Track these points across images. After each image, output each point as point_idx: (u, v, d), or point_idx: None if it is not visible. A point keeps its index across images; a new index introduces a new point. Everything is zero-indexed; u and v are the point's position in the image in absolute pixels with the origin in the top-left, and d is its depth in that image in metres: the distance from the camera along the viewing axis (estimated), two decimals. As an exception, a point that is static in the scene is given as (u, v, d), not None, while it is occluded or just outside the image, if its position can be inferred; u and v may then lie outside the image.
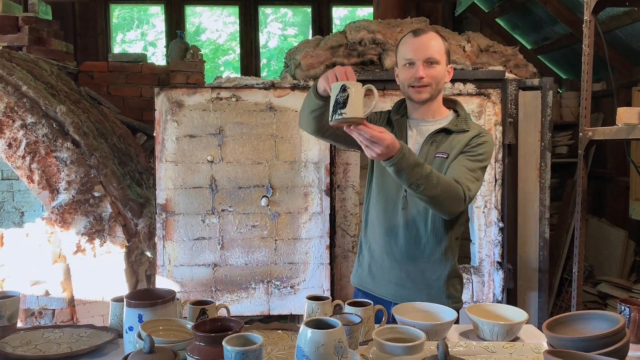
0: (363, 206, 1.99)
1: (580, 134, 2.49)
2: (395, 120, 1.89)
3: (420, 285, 1.83)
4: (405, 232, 1.81)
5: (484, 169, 1.78)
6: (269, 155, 3.12)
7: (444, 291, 1.83)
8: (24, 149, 3.09)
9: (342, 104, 1.43)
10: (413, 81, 1.76)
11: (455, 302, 1.85)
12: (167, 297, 1.39)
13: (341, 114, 1.43)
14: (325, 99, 1.63)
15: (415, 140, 1.84)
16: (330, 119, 1.48)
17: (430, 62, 1.75)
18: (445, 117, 1.86)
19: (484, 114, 3.15)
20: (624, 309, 1.53)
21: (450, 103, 1.92)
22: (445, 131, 1.81)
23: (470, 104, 3.15)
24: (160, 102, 3.06)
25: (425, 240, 1.81)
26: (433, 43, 1.77)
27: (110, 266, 3.20)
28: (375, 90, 1.52)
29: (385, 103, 3.05)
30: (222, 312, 1.66)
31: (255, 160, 3.11)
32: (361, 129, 1.46)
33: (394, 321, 1.60)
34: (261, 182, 3.12)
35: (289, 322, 3.15)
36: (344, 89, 1.44)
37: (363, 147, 1.51)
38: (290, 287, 3.15)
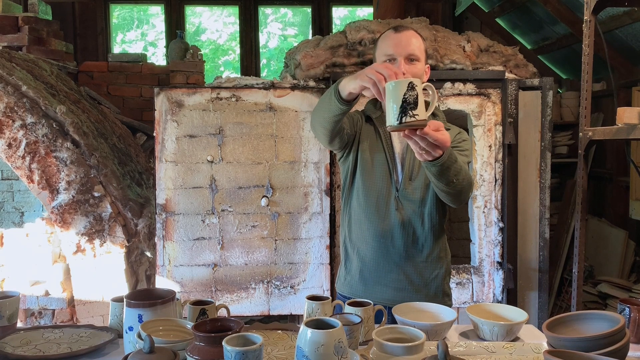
0: (342, 210, 1.93)
1: (580, 134, 2.49)
2: (376, 118, 1.85)
3: (418, 286, 1.80)
4: (402, 233, 1.79)
5: (469, 164, 1.82)
6: (269, 155, 3.12)
7: (441, 290, 1.83)
8: (24, 149, 3.09)
9: (413, 104, 1.28)
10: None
11: (450, 300, 1.87)
12: (167, 297, 1.39)
13: (413, 115, 1.28)
14: (350, 102, 1.53)
15: (400, 140, 1.81)
16: (396, 121, 1.30)
17: (411, 59, 1.73)
18: None
19: (484, 114, 3.15)
20: (624, 309, 1.53)
21: None
22: None
23: (470, 104, 3.15)
24: (160, 102, 3.06)
25: (424, 240, 1.80)
26: (414, 40, 1.75)
27: (110, 266, 3.20)
28: (434, 90, 1.39)
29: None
30: (222, 312, 1.66)
31: (255, 160, 3.11)
32: (427, 133, 1.35)
33: (393, 321, 1.60)
34: (261, 182, 3.12)
35: (289, 322, 3.15)
36: (412, 87, 1.28)
37: (418, 150, 1.41)
38: (290, 287, 3.15)
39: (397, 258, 1.80)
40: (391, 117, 1.32)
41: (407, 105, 1.29)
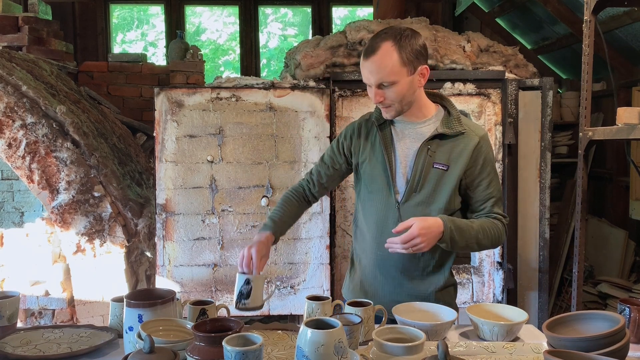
0: (353, 217, 1.91)
1: (580, 134, 2.49)
2: (379, 125, 1.77)
3: (415, 298, 1.75)
4: None
5: (498, 178, 1.81)
6: (269, 155, 3.11)
7: (441, 302, 1.75)
8: (24, 149, 3.09)
9: (245, 295, 1.59)
10: (376, 102, 1.68)
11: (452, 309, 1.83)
12: (167, 297, 1.39)
13: (244, 303, 1.61)
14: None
15: (407, 146, 1.73)
16: (235, 305, 1.62)
17: (384, 85, 1.62)
18: (434, 116, 1.74)
19: (484, 114, 3.15)
20: (624, 309, 1.53)
21: (436, 97, 1.79)
22: (439, 136, 1.70)
23: (470, 104, 3.15)
24: (160, 102, 3.06)
25: (420, 254, 1.72)
26: (384, 64, 1.60)
27: (110, 266, 3.20)
28: (274, 286, 1.75)
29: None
30: (222, 312, 1.66)
31: (255, 160, 3.11)
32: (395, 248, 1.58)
33: (393, 321, 1.59)
34: (261, 182, 3.12)
35: (289, 322, 3.15)
36: (247, 282, 1.60)
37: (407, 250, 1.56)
38: (290, 287, 3.14)
39: (393, 271, 1.76)
40: (235, 300, 1.64)
41: (240, 296, 1.61)
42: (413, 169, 1.70)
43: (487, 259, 3.17)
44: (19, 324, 2.72)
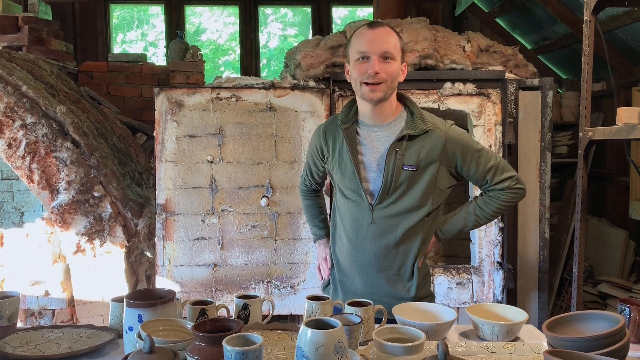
0: (331, 219, 1.93)
1: (580, 134, 2.49)
2: (345, 129, 1.76)
3: (393, 295, 1.77)
4: (374, 246, 1.75)
5: (488, 149, 1.80)
6: (269, 155, 3.11)
7: (417, 296, 1.79)
8: (24, 149, 3.09)
9: (244, 320, 1.58)
10: (367, 77, 1.65)
11: (430, 301, 1.84)
12: (167, 297, 1.39)
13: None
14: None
15: (375, 149, 1.74)
16: None
17: (386, 57, 1.64)
18: (398, 118, 1.75)
19: (484, 114, 3.15)
20: (624, 309, 1.53)
21: (399, 97, 1.80)
22: (405, 137, 1.70)
23: (470, 104, 3.15)
24: (160, 102, 3.06)
25: (395, 252, 1.75)
26: (390, 37, 1.66)
27: (110, 266, 3.20)
28: (273, 303, 1.71)
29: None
30: (222, 312, 1.66)
31: (255, 160, 3.11)
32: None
33: (393, 321, 1.59)
34: (261, 182, 3.12)
35: (289, 322, 3.15)
36: (245, 307, 1.60)
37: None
38: (290, 287, 3.14)
39: (371, 271, 1.79)
40: None
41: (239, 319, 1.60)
42: (384, 172, 1.71)
43: (487, 259, 3.17)
44: (19, 324, 2.72)
